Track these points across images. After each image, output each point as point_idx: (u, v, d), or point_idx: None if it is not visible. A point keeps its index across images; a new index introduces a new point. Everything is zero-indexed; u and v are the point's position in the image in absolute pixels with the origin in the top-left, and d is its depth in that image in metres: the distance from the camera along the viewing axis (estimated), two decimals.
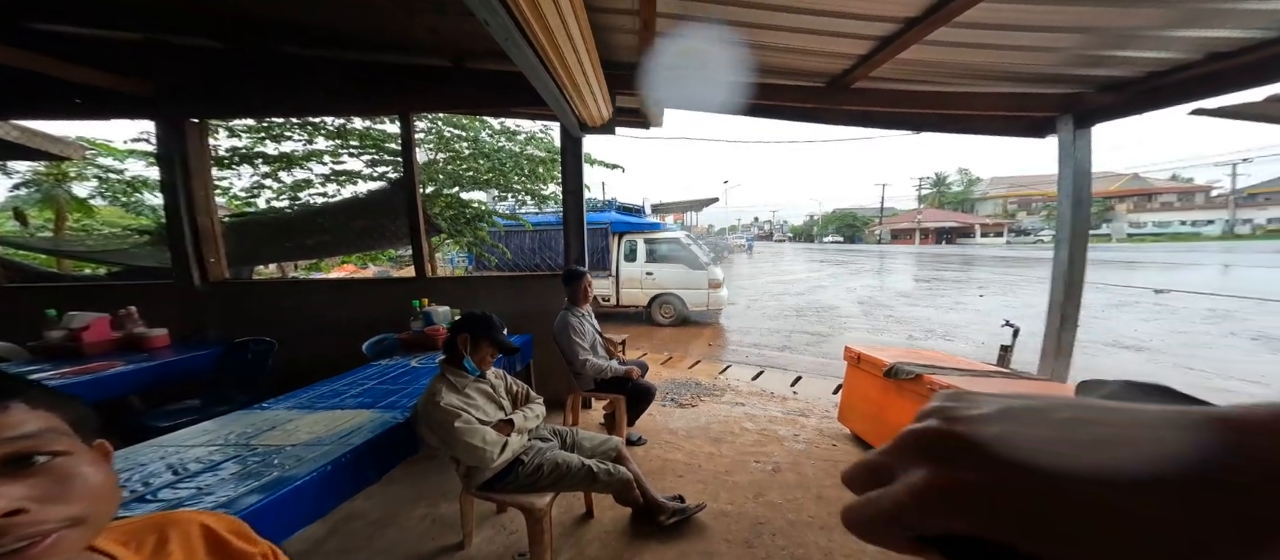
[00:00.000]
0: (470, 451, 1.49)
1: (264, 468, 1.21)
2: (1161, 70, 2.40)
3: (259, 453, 1.29)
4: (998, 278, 14.05)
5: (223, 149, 5.07)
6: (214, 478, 1.15)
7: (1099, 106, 2.73)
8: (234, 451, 1.31)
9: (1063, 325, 2.93)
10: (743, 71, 2.92)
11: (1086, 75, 2.56)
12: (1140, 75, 2.49)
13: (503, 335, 1.71)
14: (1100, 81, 2.62)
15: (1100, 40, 2.15)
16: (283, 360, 2.76)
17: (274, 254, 4.95)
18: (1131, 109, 2.64)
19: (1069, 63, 2.42)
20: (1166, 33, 2.04)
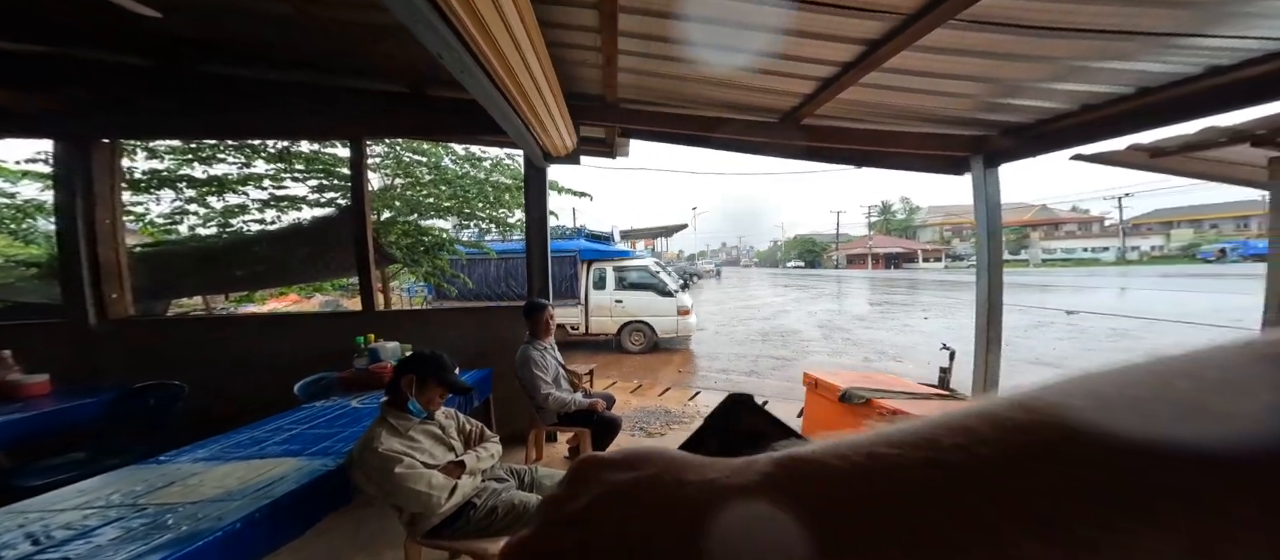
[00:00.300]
0: (413, 497, 1.35)
1: (153, 531, 1.02)
2: (1047, 118, 2.77)
3: (148, 513, 1.10)
4: (939, 300, 15.20)
5: (140, 171, 4.58)
6: (86, 545, 0.95)
7: (1002, 148, 3.09)
8: (116, 513, 1.10)
9: (989, 348, 3.18)
10: (704, 106, 3.07)
11: (991, 119, 2.91)
12: (1031, 121, 2.85)
13: (453, 375, 1.61)
14: (1002, 126, 2.98)
15: (997, 89, 2.45)
16: (199, 406, 2.43)
17: (197, 286, 4.46)
18: (1027, 151, 3.00)
19: (976, 108, 2.73)
20: (1047, 85, 2.37)
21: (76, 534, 1.02)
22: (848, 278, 33.71)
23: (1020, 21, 1.78)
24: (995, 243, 3.18)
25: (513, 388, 2.72)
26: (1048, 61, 2.10)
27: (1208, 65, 2.05)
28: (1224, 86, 2.08)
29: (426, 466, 1.43)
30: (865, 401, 2.37)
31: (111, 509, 1.13)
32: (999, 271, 3.19)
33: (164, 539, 0.99)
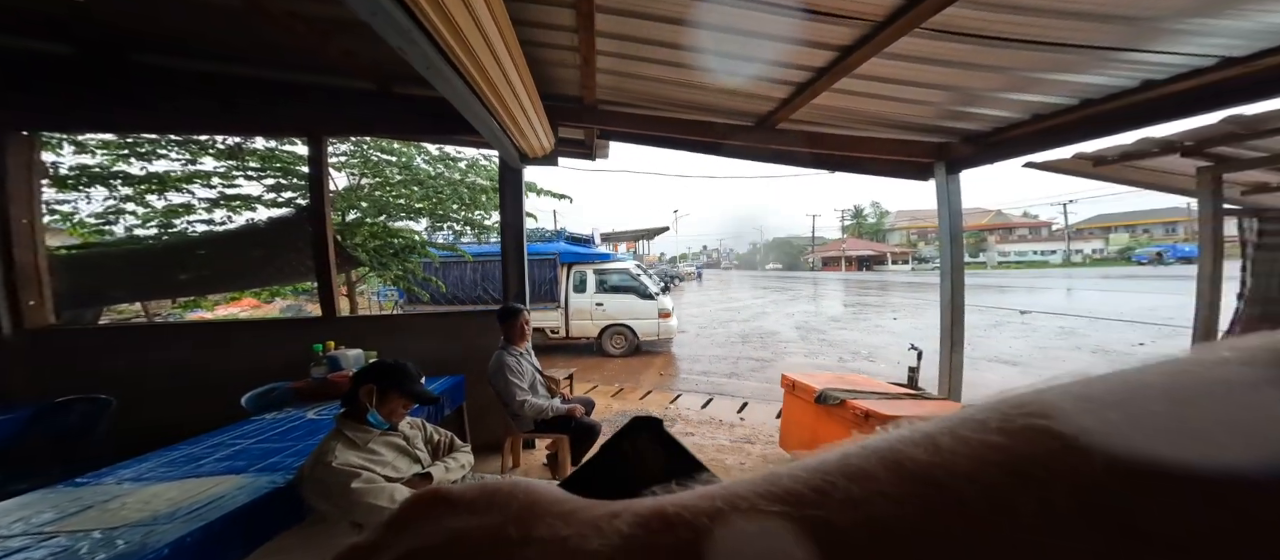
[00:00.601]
0: (373, 513, 1.25)
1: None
2: (1003, 126, 2.92)
3: (55, 543, 0.96)
4: (907, 301, 15.84)
5: (67, 166, 4.18)
6: None
7: (963, 155, 3.24)
8: (18, 543, 0.96)
9: (953, 348, 3.31)
10: (681, 108, 3.07)
11: (952, 127, 3.04)
12: (989, 129, 3.00)
13: (417, 385, 1.51)
14: (963, 134, 3.13)
15: (958, 97, 2.57)
16: (131, 422, 2.20)
17: (132, 292, 4.09)
18: (986, 158, 3.16)
19: (939, 115, 2.85)
20: (1002, 95, 2.50)
21: None
22: (823, 279, 34.74)
23: (979, 32, 1.86)
24: (957, 247, 3.32)
25: (487, 395, 2.61)
26: (1003, 72, 2.21)
27: (1143, 79, 2.21)
28: (1156, 100, 2.24)
29: (388, 480, 1.33)
30: (840, 402, 2.41)
31: (11, 538, 0.98)
32: (961, 274, 3.33)
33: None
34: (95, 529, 1.03)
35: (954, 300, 3.29)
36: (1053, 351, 7.21)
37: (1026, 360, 6.71)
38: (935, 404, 2.47)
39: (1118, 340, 7.90)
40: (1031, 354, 7.05)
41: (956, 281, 3.30)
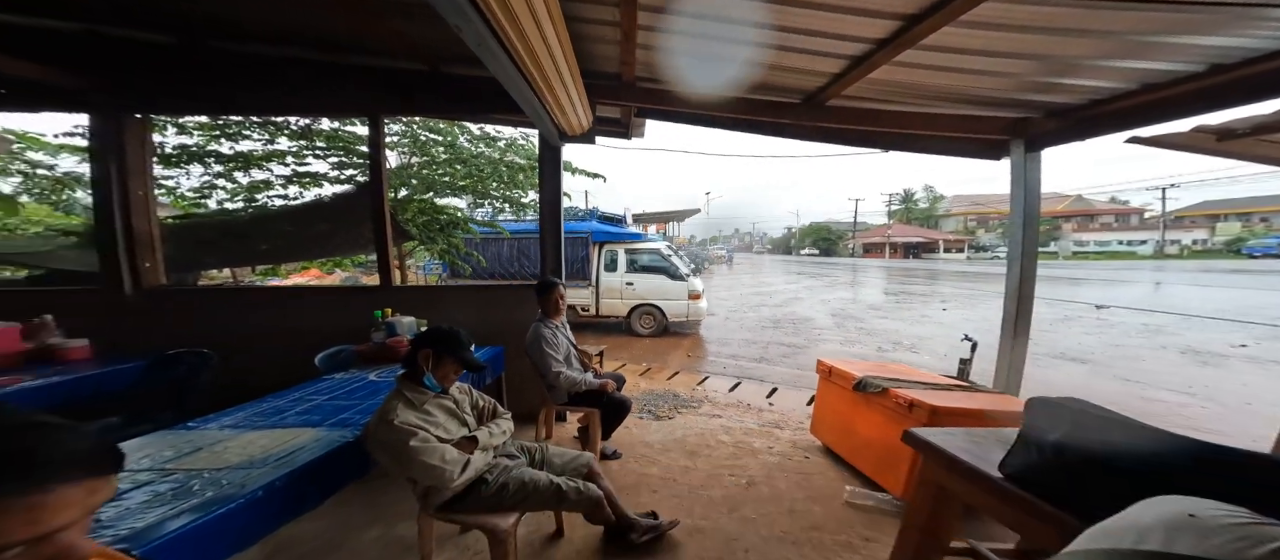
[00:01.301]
0: (427, 471, 1.39)
1: (179, 495, 1.08)
2: (1101, 98, 2.58)
3: (175, 479, 1.15)
4: (959, 291, 14.78)
5: (170, 146, 4.72)
6: (114, 508, 1.01)
7: (1046, 131, 2.91)
8: (145, 478, 1.16)
9: (1015, 339, 3.07)
10: (723, 85, 2.97)
11: (1035, 101, 2.73)
12: (1083, 102, 2.67)
13: (469, 352, 1.62)
14: (1048, 107, 2.80)
15: (1046, 67, 2.29)
16: (226, 375, 2.54)
17: (224, 259, 4.62)
18: (1075, 135, 2.82)
19: (1020, 88, 2.57)
20: (1105, 63, 2.20)
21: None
22: (863, 266, 33.05)
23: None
24: (1031, 230, 3.03)
25: (524, 366, 2.76)
26: (1110, 36, 1.94)
27: None
28: None
29: (440, 441, 1.46)
30: (882, 390, 2.33)
31: (140, 473, 1.19)
32: (1033, 260, 3.05)
33: (191, 504, 1.04)
34: (205, 469, 1.22)
35: (1022, 287, 3.03)
36: (1130, 350, 6.50)
37: (1098, 358, 6.11)
38: (990, 398, 2.32)
39: (1214, 341, 7.00)
40: (1104, 352, 6.41)
41: (1027, 268, 3.03)
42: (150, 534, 0.93)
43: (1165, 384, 4.94)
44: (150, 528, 0.94)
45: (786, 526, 2.10)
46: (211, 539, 0.99)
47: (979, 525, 2.16)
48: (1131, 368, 5.64)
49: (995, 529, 2.11)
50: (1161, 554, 0.37)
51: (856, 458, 2.58)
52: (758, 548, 1.94)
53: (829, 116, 3.04)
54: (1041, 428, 1.18)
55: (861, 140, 3.60)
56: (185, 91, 3.09)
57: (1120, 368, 5.64)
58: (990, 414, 2.05)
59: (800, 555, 1.89)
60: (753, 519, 2.15)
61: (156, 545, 0.90)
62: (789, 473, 2.63)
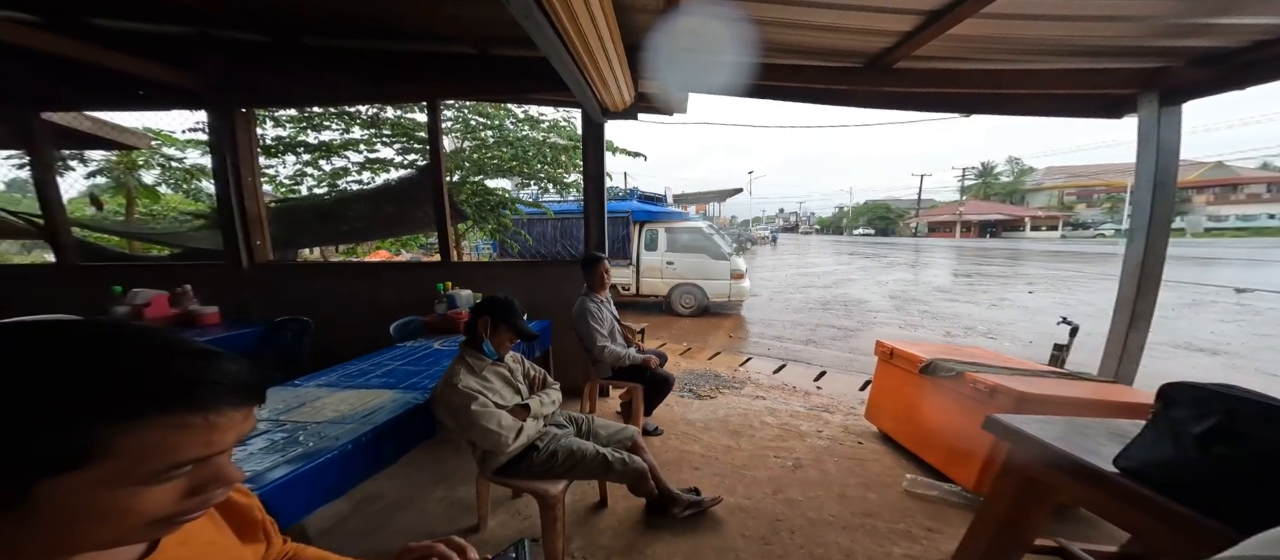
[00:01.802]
0: (486, 435, 1.50)
1: (290, 443, 1.26)
2: (1270, 38, 2.08)
3: (286, 428, 1.35)
4: (1049, 273, 13.08)
5: (269, 138, 5.35)
6: (242, 451, 1.20)
7: (1191, 82, 2.39)
8: (263, 426, 1.36)
9: (1132, 324, 2.63)
10: (774, 52, 2.77)
11: (1177, 47, 2.25)
12: (1246, 44, 2.16)
13: (522, 321, 1.71)
14: (1192, 53, 2.31)
15: (1200, 6, 1.87)
16: (318, 340, 2.90)
17: (314, 238, 5.21)
18: (1229, 84, 2.30)
19: (1158, 33, 2.12)
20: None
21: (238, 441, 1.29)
22: (928, 246, 30.19)
23: None
24: (1163, 196, 2.54)
25: (569, 341, 2.86)
26: None
27: None
28: None
29: (497, 407, 1.57)
30: (956, 375, 2.14)
31: (259, 422, 1.40)
32: (1164, 233, 2.58)
33: (296, 452, 1.21)
34: (309, 421, 1.41)
35: (1146, 263, 2.58)
36: (1277, 341, 5.43)
37: (1236, 349, 5.17)
38: (1094, 386, 2.05)
39: None
40: (1245, 342, 5.40)
41: (1155, 241, 2.57)
42: (266, 477, 1.09)
43: None
44: (266, 471, 1.12)
45: (836, 511, 2.03)
46: (312, 486, 1.15)
47: (1071, 524, 1.96)
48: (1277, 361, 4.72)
49: (1095, 529, 1.90)
50: None
51: (920, 446, 2.42)
52: (804, 530, 1.90)
53: (896, 80, 2.73)
54: (1181, 418, 1.03)
55: (936, 104, 3.22)
56: (278, 86, 3.46)
57: (1265, 361, 4.74)
58: (1095, 405, 1.81)
59: (851, 540, 1.83)
60: (799, 501, 2.11)
61: (272, 488, 1.06)
62: (840, 457, 2.53)
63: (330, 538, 1.85)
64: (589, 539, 1.84)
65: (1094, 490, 1.19)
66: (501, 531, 1.90)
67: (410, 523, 1.96)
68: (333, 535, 1.87)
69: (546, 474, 1.65)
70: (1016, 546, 1.54)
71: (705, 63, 2.95)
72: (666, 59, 2.92)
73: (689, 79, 3.12)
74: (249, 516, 0.64)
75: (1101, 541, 1.69)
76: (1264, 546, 0.38)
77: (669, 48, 2.74)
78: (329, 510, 2.00)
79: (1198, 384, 1.03)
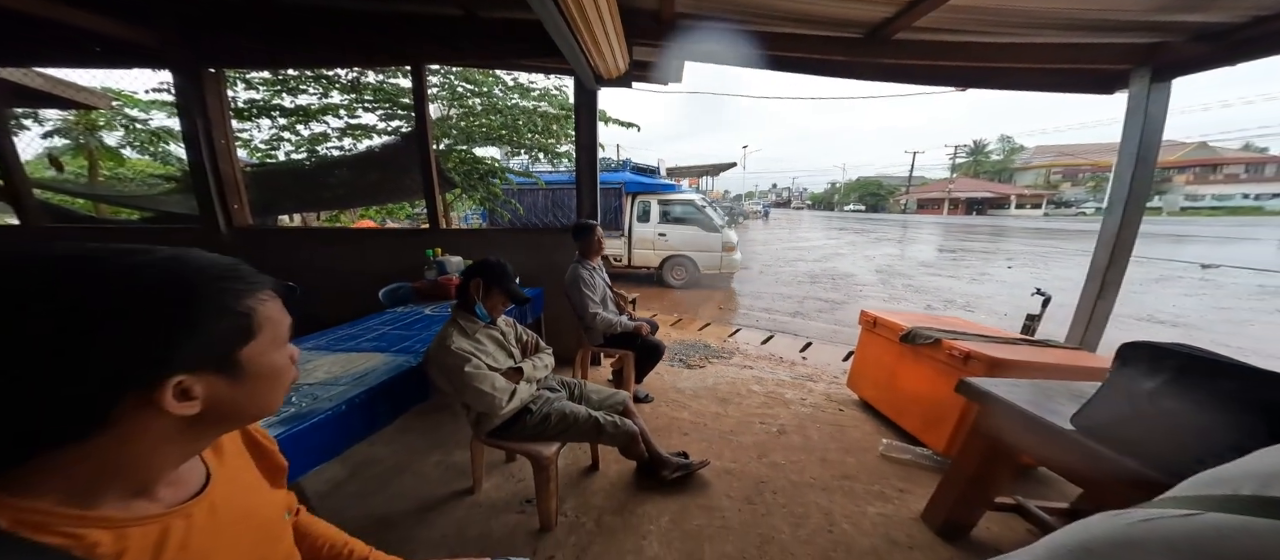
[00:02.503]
0: (479, 397, 1.53)
1: (283, 405, 1.26)
2: (1270, 14, 2.08)
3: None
4: (1029, 249, 13.43)
5: (241, 101, 5.09)
6: None
7: (1186, 57, 2.41)
8: None
9: (1101, 293, 2.75)
10: (775, 20, 2.69)
11: (1177, 22, 2.24)
12: (1244, 20, 2.16)
13: (514, 284, 1.71)
14: (1191, 29, 2.30)
15: None
16: (305, 306, 2.85)
17: (295, 204, 5.06)
18: (1223, 59, 2.31)
19: (1159, 8, 2.11)
20: None
21: None
22: (916, 223, 30.68)
23: None
24: (1143, 171, 2.62)
25: (562, 308, 2.88)
26: None
27: None
28: None
29: (490, 369, 1.59)
30: (934, 341, 2.22)
31: None
32: (1139, 206, 2.66)
33: (289, 413, 1.22)
34: (301, 383, 1.41)
35: (1121, 234, 2.68)
36: (1237, 315, 5.73)
37: (1195, 322, 5.45)
38: (1061, 353, 2.14)
39: None
40: (1204, 316, 5.70)
41: (1130, 213, 2.66)
42: None
43: (1274, 351, 4.36)
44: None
45: (817, 473, 2.14)
46: (306, 447, 1.16)
47: (1027, 484, 2.10)
48: (1235, 333, 5.00)
49: (1052, 489, 2.04)
50: None
51: (898, 413, 2.54)
52: (786, 491, 2.00)
53: (896, 52, 2.69)
54: (1136, 376, 1.09)
55: (933, 78, 3.19)
56: (249, 46, 3.25)
57: (1221, 333, 5.01)
58: (1061, 369, 1.91)
59: (830, 500, 1.94)
60: (782, 464, 2.21)
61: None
62: (822, 424, 2.64)
63: (329, 501, 1.89)
64: (582, 500, 1.91)
65: (1053, 447, 1.28)
66: (496, 494, 1.96)
67: (408, 486, 2.01)
68: (331, 499, 1.91)
69: (539, 436, 1.70)
70: (981, 503, 1.65)
71: (705, 29, 2.86)
72: (666, 25, 2.83)
73: (688, 46, 3.03)
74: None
75: (1056, 500, 1.82)
76: (1193, 488, 0.40)
77: (669, 13, 2.65)
78: (326, 474, 2.05)
79: (1153, 343, 1.09)
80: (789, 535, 1.73)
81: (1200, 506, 0.36)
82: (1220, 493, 0.37)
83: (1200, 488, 0.39)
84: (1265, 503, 0.33)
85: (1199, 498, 0.37)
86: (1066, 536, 0.39)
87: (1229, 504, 0.35)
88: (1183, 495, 0.39)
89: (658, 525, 1.76)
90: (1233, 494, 0.36)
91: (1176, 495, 0.40)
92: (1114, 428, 1.12)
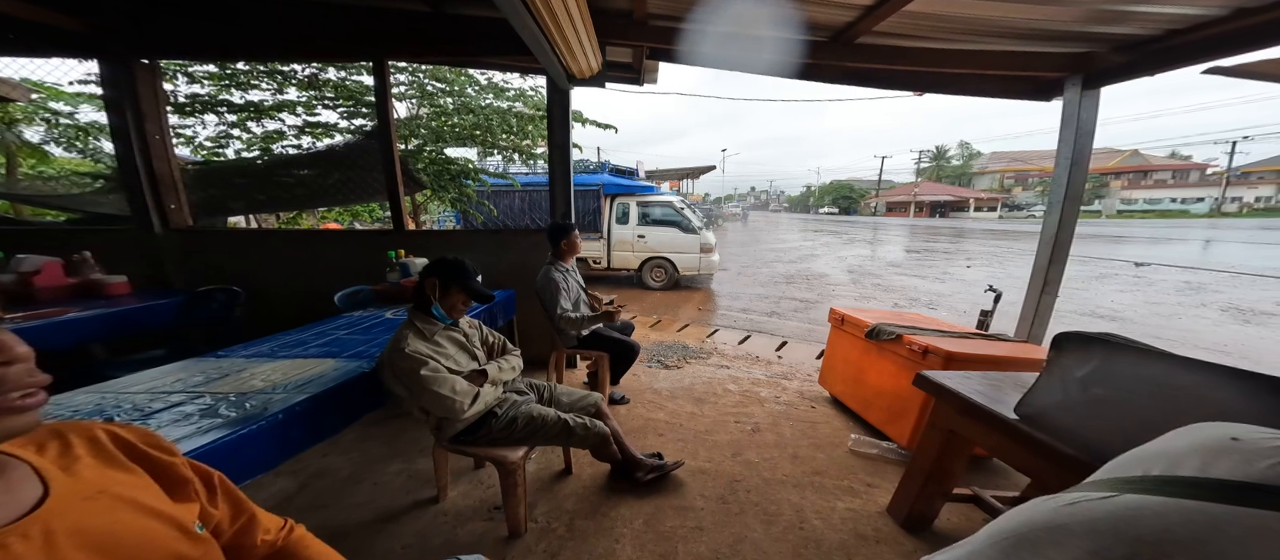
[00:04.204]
0: (438, 401, 1.45)
1: (207, 415, 1.15)
2: (1182, 27, 2.27)
3: (206, 400, 1.23)
4: (987, 249, 14.19)
5: (182, 95, 4.75)
6: (150, 425, 1.09)
7: (1111, 66, 2.61)
8: (179, 398, 1.24)
9: (1045, 289, 2.93)
10: (745, 22, 2.72)
11: (1102, 33, 2.43)
12: (1158, 33, 2.36)
13: (475, 282, 1.63)
14: (1115, 40, 2.49)
15: None
16: (252, 311, 2.68)
17: (247, 205, 4.76)
18: (1144, 69, 2.52)
19: (1087, 19, 2.27)
20: None
21: (140, 415, 1.15)
22: (885, 225, 32.04)
23: None
24: (1078, 173, 2.81)
25: (535, 311, 2.80)
26: None
27: None
28: None
29: (451, 371, 1.51)
30: (895, 338, 2.29)
31: (173, 394, 1.27)
32: (1075, 206, 2.85)
33: (216, 423, 1.11)
34: (231, 392, 1.29)
35: (1060, 234, 2.86)
36: (1166, 308, 6.21)
37: (1130, 316, 5.87)
38: (1010, 346, 2.25)
39: (1261, 299, 6.63)
40: (1138, 310, 6.14)
41: (1068, 214, 2.84)
42: (182, 448, 0.99)
43: (1200, 343, 4.74)
44: (182, 440, 1.01)
45: (789, 471, 2.15)
46: (235, 457, 1.06)
47: (985, 475, 2.18)
48: (1165, 326, 5.41)
49: (1006, 479, 2.12)
50: (1197, 480, 0.35)
51: (865, 408, 2.59)
52: (759, 489, 2.00)
53: (858, 55, 2.79)
54: (1069, 364, 1.13)
55: (893, 81, 3.32)
56: (188, 36, 3.03)
57: (1152, 326, 5.42)
58: (1009, 361, 2.00)
59: (801, 497, 1.94)
60: (756, 462, 2.21)
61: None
62: (794, 421, 2.67)
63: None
64: (553, 504, 1.85)
65: (1000, 436, 1.32)
66: (463, 501, 1.87)
67: (366, 497, 1.89)
68: (278, 512, 1.78)
69: (506, 440, 1.63)
70: (939, 495, 1.70)
71: (677, 30, 2.87)
72: (639, 25, 2.82)
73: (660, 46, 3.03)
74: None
75: (1009, 489, 1.89)
76: (1113, 470, 0.43)
77: (641, 13, 2.64)
78: (272, 486, 1.91)
79: (1083, 333, 1.14)
80: (761, 534, 1.72)
81: (1118, 488, 0.38)
82: (1135, 474, 0.40)
83: (1119, 470, 0.42)
84: (1171, 482, 0.36)
85: (1118, 480, 0.40)
86: (1003, 523, 0.41)
87: (1142, 484, 0.38)
88: (1104, 478, 0.42)
89: (631, 528, 1.72)
90: (1145, 474, 0.39)
91: (1099, 478, 0.42)
92: (1052, 415, 1.16)
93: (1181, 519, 0.32)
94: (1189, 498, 0.34)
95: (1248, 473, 0.34)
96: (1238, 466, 0.35)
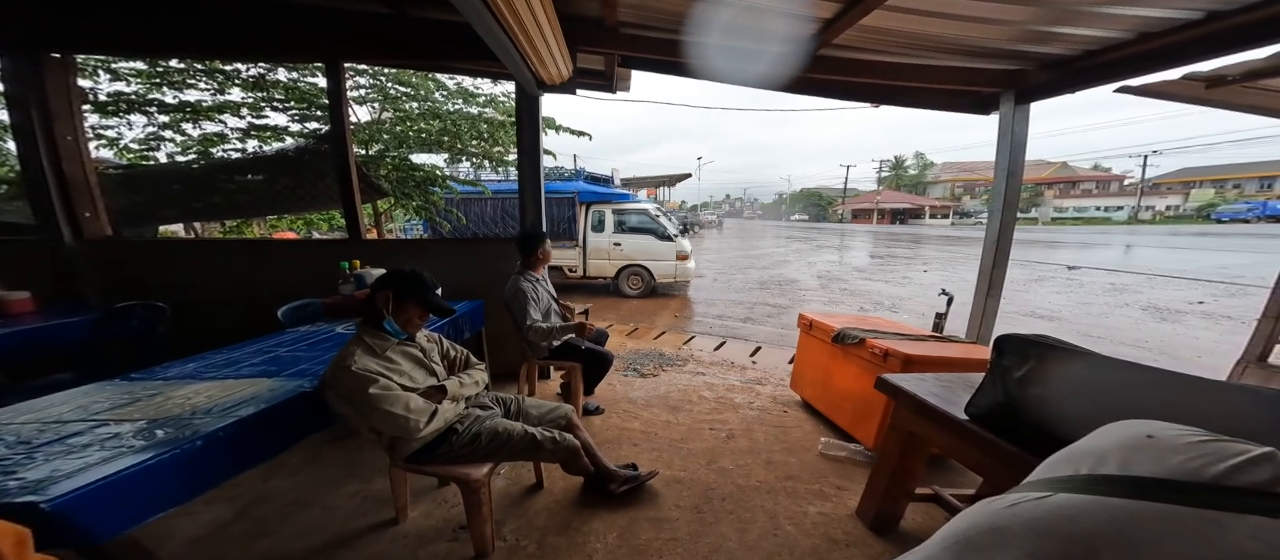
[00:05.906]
0: (390, 420, 1.34)
1: (107, 445, 1.00)
2: (1095, 49, 2.50)
3: (107, 429, 1.07)
4: (941, 255, 15.07)
5: (104, 93, 4.31)
6: (28, 460, 0.93)
7: (1038, 83, 2.85)
8: (74, 427, 1.08)
9: (990, 292, 3.13)
10: (711, 32, 2.77)
11: (1030, 52, 2.64)
12: (1077, 53, 2.59)
13: (433, 295, 1.53)
14: (1041, 59, 2.71)
15: (1044, 15, 2.18)
16: (184, 328, 2.42)
17: (181, 213, 4.36)
18: (1066, 86, 2.77)
19: (1016, 38, 2.46)
20: (1104, 10, 2.10)
21: (21, 445, 0.99)
22: (851, 231, 33.56)
23: None
24: (1014, 184, 3.03)
25: (507, 323, 2.69)
26: None
27: None
28: None
29: (405, 388, 1.40)
30: (859, 341, 2.35)
31: (67, 423, 1.10)
32: (1013, 213, 3.07)
33: (115, 454, 0.97)
34: (140, 419, 1.14)
35: (1000, 241, 3.06)
36: (1096, 308, 6.78)
37: (1065, 316, 6.36)
38: (962, 347, 2.37)
39: (1174, 299, 7.35)
40: (1071, 310, 6.66)
41: (1007, 220, 3.05)
42: (60, 487, 0.84)
43: (1124, 339, 5.18)
44: (62, 479, 0.87)
45: (763, 476, 2.14)
46: (136, 491, 0.92)
47: (946, 474, 2.25)
48: (1095, 324, 5.89)
49: (965, 478, 2.20)
50: (1118, 478, 0.38)
51: (833, 411, 2.64)
52: (733, 496, 1.98)
53: (819, 67, 2.89)
54: (1008, 366, 1.17)
55: (852, 93, 3.47)
56: (109, 29, 2.76)
57: (1084, 324, 5.88)
58: (961, 362, 2.08)
59: (774, 503, 1.94)
60: (730, 470, 2.19)
61: (70, 497, 0.82)
62: (767, 426, 2.68)
63: (208, 547, 1.60)
64: (524, 521, 1.76)
65: (952, 436, 1.35)
66: (425, 522, 1.74)
67: (314, 522, 1.73)
68: (211, 543, 1.61)
69: (469, 458, 1.53)
70: (903, 495, 1.73)
71: (648, 38, 2.88)
72: (610, 33, 2.80)
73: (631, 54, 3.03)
74: None
75: (967, 487, 1.96)
76: (1048, 469, 0.45)
77: (612, 20, 2.63)
78: (205, 515, 1.73)
79: (1020, 335, 1.19)
80: (736, 542, 1.69)
81: (1052, 488, 0.40)
82: (1066, 473, 0.42)
83: (1053, 469, 0.44)
84: (1097, 481, 0.39)
85: (1051, 480, 0.42)
86: (955, 526, 0.43)
87: (1072, 484, 0.40)
88: (1041, 478, 0.44)
89: (604, 542, 1.66)
90: (1074, 473, 0.41)
91: (1036, 479, 0.44)
92: (997, 415, 1.20)
93: (1106, 517, 0.35)
94: (1112, 495, 0.36)
95: (1161, 469, 0.37)
96: (1153, 463, 0.38)
